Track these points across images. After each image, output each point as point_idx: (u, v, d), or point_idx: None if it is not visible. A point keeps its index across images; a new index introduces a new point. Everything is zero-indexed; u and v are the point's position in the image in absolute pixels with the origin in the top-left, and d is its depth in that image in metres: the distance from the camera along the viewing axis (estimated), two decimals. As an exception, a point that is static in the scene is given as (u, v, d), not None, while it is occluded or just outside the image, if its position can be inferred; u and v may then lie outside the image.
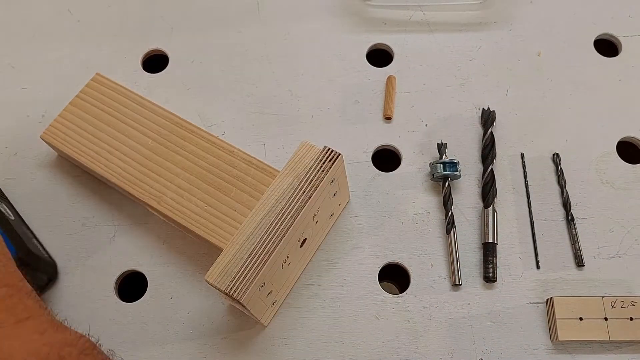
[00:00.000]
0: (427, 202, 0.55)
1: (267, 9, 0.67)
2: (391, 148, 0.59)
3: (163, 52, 0.64)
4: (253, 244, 0.44)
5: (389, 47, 0.64)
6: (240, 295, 0.42)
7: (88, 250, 0.54)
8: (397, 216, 0.55)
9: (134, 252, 0.53)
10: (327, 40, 0.65)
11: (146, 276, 0.53)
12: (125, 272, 0.53)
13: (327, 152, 0.47)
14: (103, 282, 0.52)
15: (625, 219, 0.54)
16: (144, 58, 0.64)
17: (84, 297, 0.52)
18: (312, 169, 0.46)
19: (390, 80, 0.62)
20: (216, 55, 0.64)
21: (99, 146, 0.53)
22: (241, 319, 0.51)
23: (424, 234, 0.54)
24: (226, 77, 0.62)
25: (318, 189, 0.45)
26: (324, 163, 0.46)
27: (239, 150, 0.51)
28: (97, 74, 0.57)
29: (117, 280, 0.53)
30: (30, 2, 0.68)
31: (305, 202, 0.45)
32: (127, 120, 0.54)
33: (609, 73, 0.62)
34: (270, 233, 0.44)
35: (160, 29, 0.66)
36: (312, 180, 0.46)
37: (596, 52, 0.63)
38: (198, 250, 0.53)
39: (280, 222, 0.44)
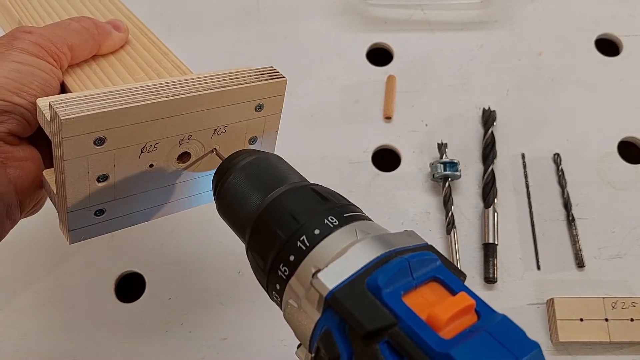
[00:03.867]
0: (427, 203, 0.55)
1: (266, 8, 0.66)
2: (391, 148, 0.58)
3: (162, 51, 0.64)
4: (117, 90, 0.32)
5: (389, 46, 0.64)
6: (64, 115, 0.29)
7: (86, 250, 0.53)
8: (397, 216, 0.54)
9: (132, 252, 0.53)
10: (327, 39, 0.64)
11: (144, 277, 0.52)
12: (124, 272, 0.53)
13: (269, 68, 0.38)
14: (101, 283, 0.52)
15: (626, 220, 0.54)
16: (143, 57, 0.64)
17: (82, 297, 0.52)
18: (241, 72, 0.36)
19: (390, 79, 0.61)
20: (215, 54, 0.63)
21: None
22: (241, 320, 0.51)
23: (424, 234, 0.54)
24: (225, 77, 0.62)
25: (236, 88, 0.35)
26: (261, 74, 0.37)
27: (173, 54, 0.43)
28: None
29: (115, 280, 0.52)
30: None
31: (211, 90, 0.34)
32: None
33: (610, 72, 0.62)
34: (144, 90, 0.33)
35: (159, 27, 0.65)
36: (233, 78, 0.36)
37: (597, 51, 0.63)
38: (197, 251, 0.53)
39: (164, 88, 0.33)
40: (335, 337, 0.25)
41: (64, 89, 0.37)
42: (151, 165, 0.35)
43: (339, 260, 0.27)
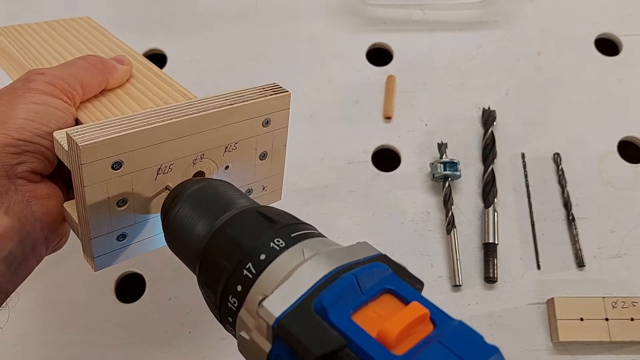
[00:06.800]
0: (427, 202, 0.55)
1: (265, 8, 0.66)
2: (391, 148, 0.58)
3: (162, 51, 0.64)
4: (130, 115, 0.33)
5: (388, 46, 0.64)
6: (82, 142, 0.30)
7: (86, 250, 0.53)
8: (397, 216, 0.54)
9: (132, 252, 0.53)
10: (327, 39, 0.64)
11: (145, 277, 0.52)
12: (124, 272, 0.53)
13: (272, 84, 0.39)
14: (101, 283, 0.52)
15: (626, 219, 0.54)
16: (142, 57, 0.64)
17: (82, 297, 0.52)
18: (245, 90, 0.38)
19: (390, 79, 0.61)
20: (215, 55, 0.64)
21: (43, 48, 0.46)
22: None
23: (424, 234, 0.54)
24: (225, 77, 0.62)
25: (242, 105, 0.36)
26: (265, 91, 0.38)
27: (179, 84, 0.44)
28: (87, 17, 0.52)
29: (115, 280, 0.52)
30: (29, 1, 0.67)
31: (219, 108, 0.35)
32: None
33: (609, 72, 0.62)
34: (156, 114, 0.34)
35: (159, 28, 0.65)
36: (239, 96, 0.37)
37: (597, 51, 0.63)
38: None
39: (174, 110, 0.34)
40: None
41: (77, 125, 0.38)
42: (167, 187, 0.36)
43: (284, 285, 0.25)
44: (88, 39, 0.48)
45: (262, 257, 0.27)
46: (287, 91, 0.39)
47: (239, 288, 0.27)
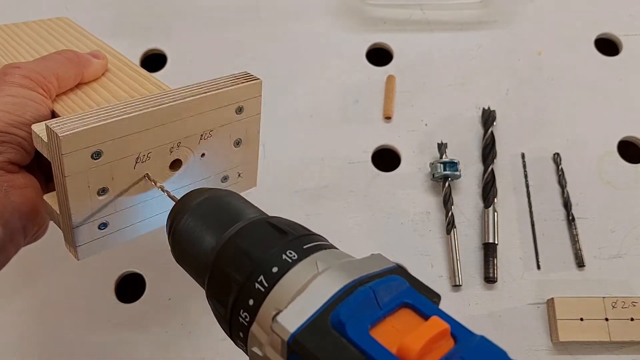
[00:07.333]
0: (427, 202, 0.55)
1: (266, 8, 0.66)
2: (391, 148, 0.58)
3: (162, 51, 0.64)
4: (108, 106, 0.34)
5: (388, 46, 0.64)
6: (62, 132, 0.31)
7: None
8: (397, 216, 0.54)
9: (132, 252, 0.53)
10: (327, 39, 0.64)
11: (144, 277, 0.52)
12: (124, 272, 0.53)
13: (244, 73, 0.40)
14: (101, 283, 0.52)
15: (626, 219, 0.54)
16: (142, 57, 0.64)
17: (82, 297, 0.52)
18: (219, 79, 0.38)
19: (390, 79, 0.61)
20: (215, 54, 0.63)
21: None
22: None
23: (424, 234, 0.54)
24: (225, 77, 0.62)
25: (216, 93, 0.37)
26: (237, 79, 0.39)
27: (155, 78, 0.45)
28: (65, 17, 0.53)
29: (115, 280, 0.52)
30: (28, 1, 0.67)
31: (193, 96, 0.36)
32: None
33: (609, 72, 0.62)
34: (133, 104, 0.34)
35: (159, 28, 0.65)
36: (213, 84, 0.38)
37: (597, 51, 0.63)
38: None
39: (150, 99, 0.35)
40: None
41: (54, 117, 0.39)
42: (146, 176, 0.37)
43: (299, 299, 0.24)
44: (66, 38, 0.49)
45: (275, 269, 0.27)
46: (258, 78, 0.40)
47: (251, 302, 0.27)
